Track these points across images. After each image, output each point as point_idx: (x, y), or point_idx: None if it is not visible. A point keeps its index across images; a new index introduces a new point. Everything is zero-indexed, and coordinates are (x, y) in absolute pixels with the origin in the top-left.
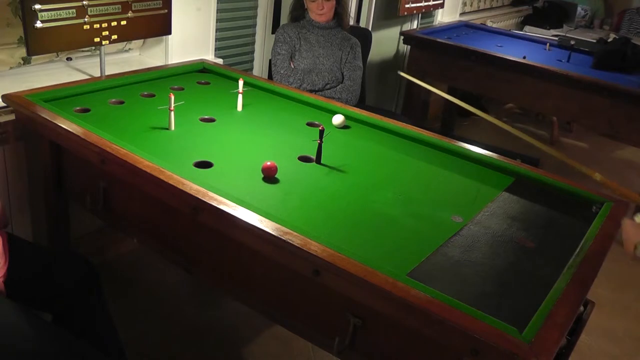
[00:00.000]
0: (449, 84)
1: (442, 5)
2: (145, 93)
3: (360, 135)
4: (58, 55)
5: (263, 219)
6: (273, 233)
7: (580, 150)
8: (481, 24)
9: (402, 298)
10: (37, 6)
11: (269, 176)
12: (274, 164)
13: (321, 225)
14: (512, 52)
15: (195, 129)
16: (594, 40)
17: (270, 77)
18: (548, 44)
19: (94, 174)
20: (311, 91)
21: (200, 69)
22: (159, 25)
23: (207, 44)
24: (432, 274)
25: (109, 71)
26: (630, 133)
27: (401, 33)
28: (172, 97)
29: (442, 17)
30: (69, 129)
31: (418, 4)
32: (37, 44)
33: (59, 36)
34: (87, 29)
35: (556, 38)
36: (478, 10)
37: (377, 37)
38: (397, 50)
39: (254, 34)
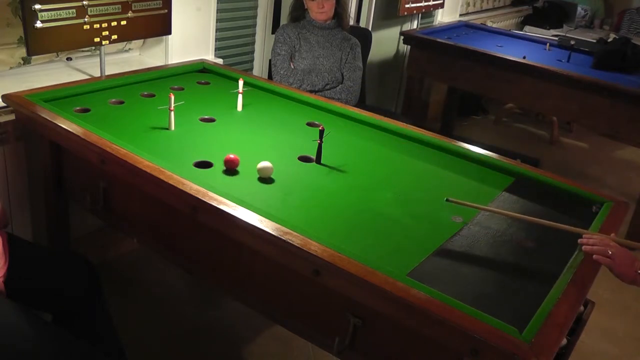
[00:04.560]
0: (449, 84)
1: (442, 5)
2: (145, 93)
3: (360, 135)
4: (58, 55)
5: (263, 219)
6: (273, 233)
7: (580, 150)
8: (481, 24)
9: (402, 298)
10: (37, 6)
11: (230, 168)
12: (236, 157)
13: (321, 225)
14: (512, 52)
15: (195, 129)
16: (594, 40)
17: (270, 77)
18: (548, 44)
19: (94, 174)
20: (311, 92)
21: (200, 69)
22: (159, 25)
23: (207, 44)
24: (432, 274)
25: (109, 71)
26: (630, 133)
27: (401, 33)
28: (172, 97)
29: (442, 17)
30: (69, 129)
31: (418, 4)
32: (37, 44)
33: (59, 36)
34: (87, 29)
35: (556, 38)
36: (478, 11)
37: (377, 37)
38: (397, 50)
39: (254, 34)
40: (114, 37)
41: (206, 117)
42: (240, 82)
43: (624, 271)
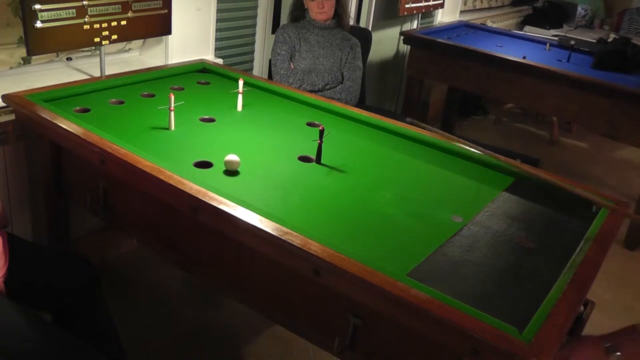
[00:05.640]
0: (449, 84)
1: (442, 5)
2: (145, 93)
3: (360, 135)
4: (58, 55)
5: (263, 219)
6: (273, 233)
7: (580, 150)
8: (481, 24)
9: (402, 298)
10: (37, 6)
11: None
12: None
13: (321, 225)
14: (512, 52)
15: (195, 129)
16: (594, 40)
17: (270, 77)
18: (548, 44)
19: (94, 174)
20: (311, 92)
21: (200, 69)
22: (159, 25)
23: (207, 44)
24: (432, 274)
25: (109, 71)
26: (630, 133)
27: (401, 33)
28: (172, 97)
29: (442, 17)
30: (69, 129)
31: (418, 4)
32: (37, 44)
33: (59, 36)
34: (87, 29)
35: (556, 38)
36: (477, 10)
37: (377, 37)
38: (397, 50)
39: (254, 34)
40: (114, 37)
41: (206, 117)
42: (240, 82)
43: None
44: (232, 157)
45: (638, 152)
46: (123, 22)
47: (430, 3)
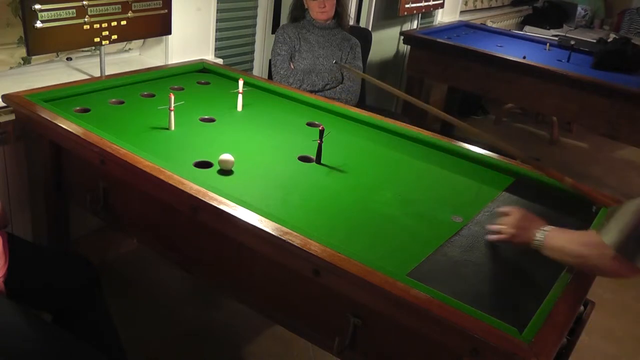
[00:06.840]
0: (449, 84)
1: (442, 5)
2: (145, 93)
3: (360, 135)
4: (58, 55)
5: (263, 219)
6: (273, 233)
7: (580, 150)
8: (481, 24)
9: (401, 298)
10: (37, 6)
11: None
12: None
13: (321, 225)
14: (512, 52)
15: (195, 129)
16: (594, 40)
17: (270, 77)
18: (548, 44)
19: (94, 174)
20: (311, 92)
21: (200, 69)
22: (159, 25)
23: (207, 44)
24: (432, 274)
25: (109, 71)
26: (630, 133)
27: (401, 33)
28: (172, 97)
29: (442, 17)
30: (69, 129)
31: (418, 4)
32: (37, 44)
33: (59, 36)
34: (87, 29)
35: (556, 38)
36: (477, 10)
37: (377, 37)
38: (397, 50)
39: (254, 34)
40: (114, 37)
41: (206, 117)
42: (240, 82)
43: (522, 240)
44: (226, 156)
45: (638, 152)
46: (123, 22)
47: (430, 3)
